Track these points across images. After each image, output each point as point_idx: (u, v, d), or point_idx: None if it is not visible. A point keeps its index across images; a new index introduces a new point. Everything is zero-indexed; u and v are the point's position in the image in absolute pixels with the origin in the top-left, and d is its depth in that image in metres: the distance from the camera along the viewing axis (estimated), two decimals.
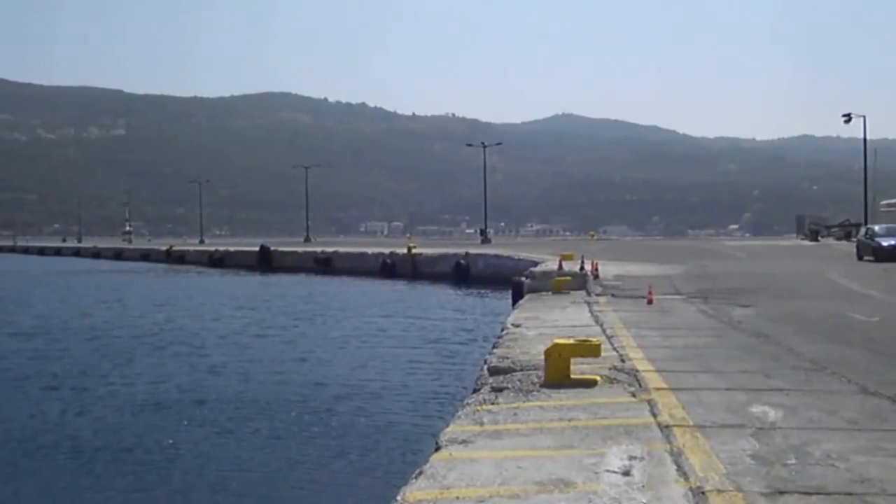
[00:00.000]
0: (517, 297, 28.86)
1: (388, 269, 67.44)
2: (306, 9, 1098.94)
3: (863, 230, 50.33)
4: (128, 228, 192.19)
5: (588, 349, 10.95)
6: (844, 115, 79.80)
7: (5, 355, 28.16)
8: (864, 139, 79.39)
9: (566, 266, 32.33)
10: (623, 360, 12.33)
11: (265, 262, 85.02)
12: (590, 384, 10.53)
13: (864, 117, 78.71)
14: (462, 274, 58.87)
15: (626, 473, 6.73)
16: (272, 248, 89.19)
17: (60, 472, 14.72)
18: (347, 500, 13.03)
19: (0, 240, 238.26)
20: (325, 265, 75.18)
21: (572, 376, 10.70)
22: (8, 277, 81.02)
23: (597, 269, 30.52)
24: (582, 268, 30.90)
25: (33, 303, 49.04)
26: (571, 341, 11.08)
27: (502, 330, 17.44)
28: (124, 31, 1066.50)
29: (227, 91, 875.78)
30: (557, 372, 10.69)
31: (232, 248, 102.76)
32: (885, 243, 42.58)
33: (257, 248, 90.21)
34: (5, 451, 15.99)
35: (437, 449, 7.84)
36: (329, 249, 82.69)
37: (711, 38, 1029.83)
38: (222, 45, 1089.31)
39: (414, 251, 68.67)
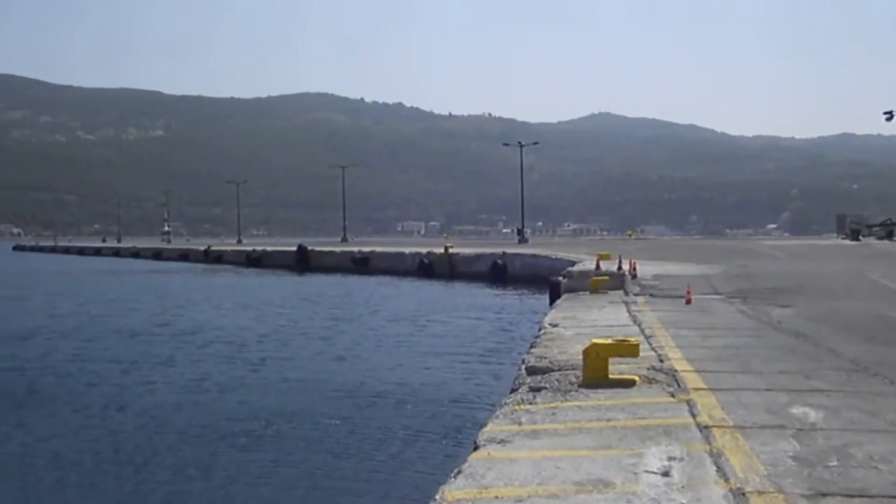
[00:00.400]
0: (554, 297, 28.78)
1: (426, 268, 67.42)
2: (343, 9, 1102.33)
3: None
4: (166, 229, 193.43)
5: (626, 349, 10.89)
6: (886, 113, 78.88)
7: (49, 352, 28.45)
8: None
9: (604, 266, 32.16)
10: (661, 360, 12.26)
11: (303, 261, 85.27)
12: (628, 384, 10.48)
13: None
14: (499, 273, 58.76)
15: (666, 474, 6.69)
16: (310, 248, 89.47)
17: (106, 463, 14.85)
18: (386, 498, 13.04)
19: (41, 240, 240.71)
20: (362, 265, 75.29)
21: (610, 376, 10.65)
22: (51, 277, 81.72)
23: (634, 269, 30.38)
24: (619, 267, 30.77)
25: (73, 301, 49.42)
26: (610, 341, 11.02)
27: (540, 329, 17.38)
28: (163, 33, 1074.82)
29: (264, 92, 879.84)
30: (595, 372, 10.64)
31: (269, 248, 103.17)
32: None
33: (295, 248, 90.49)
34: (56, 447, 16.14)
35: (476, 448, 7.83)
36: (366, 249, 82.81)
37: (750, 36, 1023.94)
38: (259, 47, 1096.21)
39: (451, 251, 68.64)
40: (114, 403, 19.96)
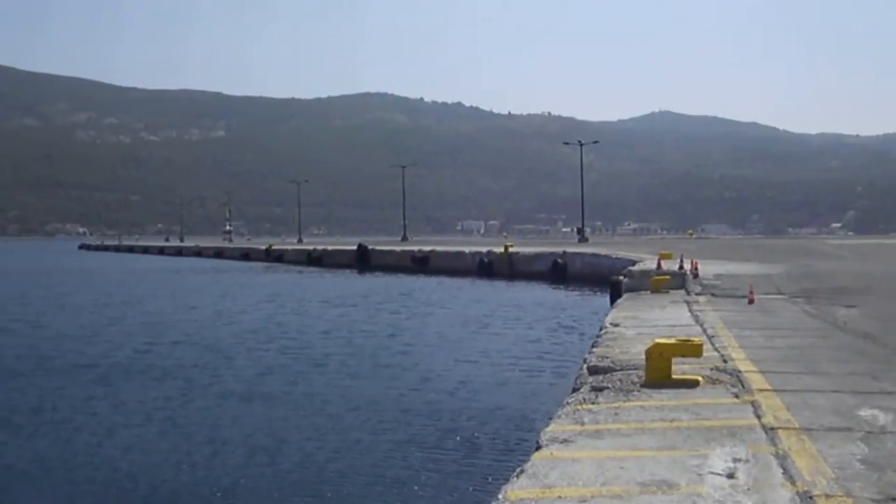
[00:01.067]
0: (615, 297, 28.64)
1: (485, 268, 67.35)
2: (402, 10, 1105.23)
3: None
4: (228, 228, 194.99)
5: (689, 349, 10.79)
6: None
7: (118, 348, 28.88)
8: None
9: (665, 265, 31.94)
10: (725, 361, 12.13)
11: (363, 260, 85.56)
12: (691, 385, 10.38)
13: None
14: (559, 273, 58.57)
15: (731, 476, 6.62)
16: (370, 247, 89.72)
17: (172, 456, 15.05)
18: (449, 496, 13.03)
19: (106, 239, 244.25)
20: (422, 264, 75.37)
21: (673, 376, 10.56)
22: (121, 276, 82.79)
23: (696, 268, 30.14)
24: (681, 266, 30.53)
25: (144, 300, 50.05)
26: (672, 341, 10.93)
27: (601, 329, 17.29)
28: (224, 35, 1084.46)
29: (324, 92, 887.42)
30: (658, 372, 10.56)
31: (330, 247, 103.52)
32: None
33: (355, 247, 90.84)
34: (123, 440, 16.41)
35: (538, 448, 7.79)
36: (426, 248, 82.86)
37: (812, 33, 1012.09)
38: (320, 47, 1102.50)
39: (511, 250, 68.53)
40: (177, 399, 20.20)
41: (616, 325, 17.12)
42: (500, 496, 6.42)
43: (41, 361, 26.54)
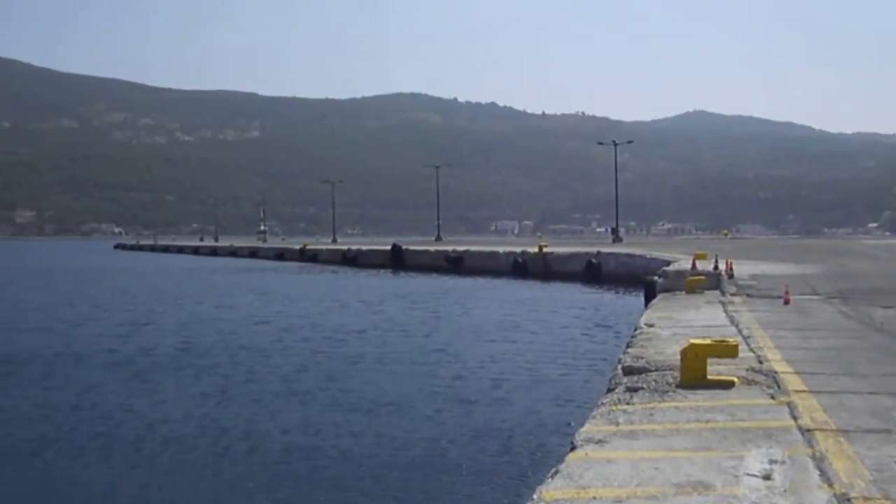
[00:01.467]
0: (650, 297, 28.55)
1: (520, 268, 67.26)
2: (436, 10, 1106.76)
3: None
4: (262, 228, 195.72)
5: (725, 349, 10.74)
6: None
7: (156, 345, 29.12)
8: None
9: (699, 265, 31.80)
10: (761, 362, 12.08)
11: (397, 260, 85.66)
12: (727, 385, 10.35)
13: None
14: (593, 273, 58.41)
15: (767, 477, 6.59)
16: (404, 248, 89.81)
17: (211, 451, 15.16)
18: (483, 497, 13.05)
19: (141, 239, 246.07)
20: (456, 264, 75.38)
21: (709, 377, 10.52)
22: (157, 275, 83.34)
23: (731, 269, 30.00)
24: (716, 267, 30.38)
25: (181, 299, 50.38)
26: (708, 341, 10.89)
27: (635, 329, 17.25)
28: (258, 35, 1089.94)
29: (358, 93, 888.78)
30: (693, 372, 10.53)
31: (364, 247, 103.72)
32: None
33: (389, 248, 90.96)
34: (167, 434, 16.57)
35: (573, 448, 7.79)
36: (460, 248, 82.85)
37: (849, 31, 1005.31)
38: (354, 48, 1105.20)
39: (545, 250, 68.43)
40: (214, 397, 20.33)
41: (651, 326, 17.08)
42: (534, 496, 6.42)
43: (80, 359, 26.86)
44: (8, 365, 25.62)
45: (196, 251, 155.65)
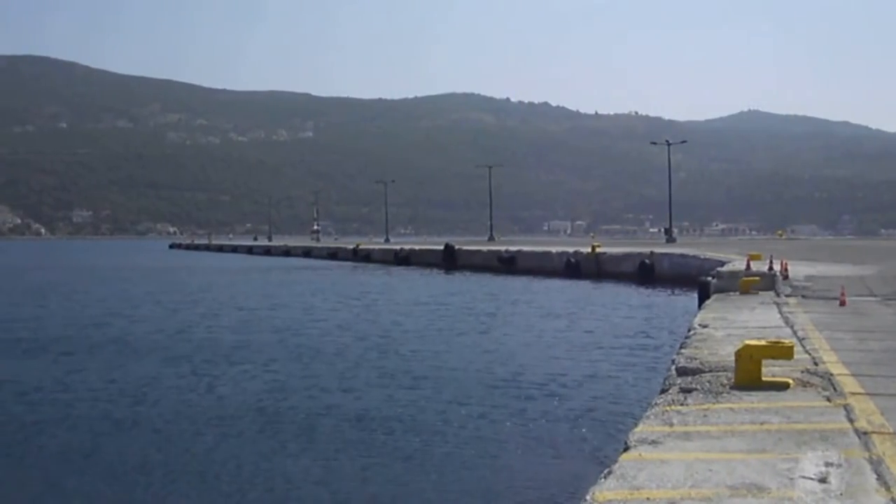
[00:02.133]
0: (703, 298, 28.34)
1: (572, 268, 67.01)
2: (489, 10, 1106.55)
3: None
4: (316, 227, 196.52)
5: (780, 351, 10.64)
6: None
7: (215, 342, 29.41)
8: None
9: (754, 266, 31.54)
10: (816, 364, 11.96)
11: (450, 260, 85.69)
12: (782, 387, 10.27)
13: None
14: (647, 273, 58.07)
15: (823, 480, 6.54)
16: (457, 247, 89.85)
17: (267, 447, 15.30)
18: (536, 497, 13.05)
19: (196, 238, 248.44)
20: (508, 264, 75.27)
21: (763, 379, 10.44)
22: (213, 274, 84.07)
23: (786, 269, 29.74)
24: (770, 268, 30.14)
25: (237, 297, 50.86)
26: (763, 342, 10.80)
27: (689, 330, 17.15)
28: (313, 37, 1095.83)
29: (410, 93, 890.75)
30: (748, 374, 10.45)
31: (417, 247, 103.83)
32: None
33: (442, 247, 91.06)
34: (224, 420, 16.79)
35: (626, 449, 7.76)
36: (513, 248, 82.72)
37: None
38: (406, 48, 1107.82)
39: (598, 250, 68.18)
40: (270, 394, 20.51)
41: (705, 327, 16.97)
42: (587, 497, 6.41)
43: (137, 355, 27.30)
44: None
45: (250, 250, 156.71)
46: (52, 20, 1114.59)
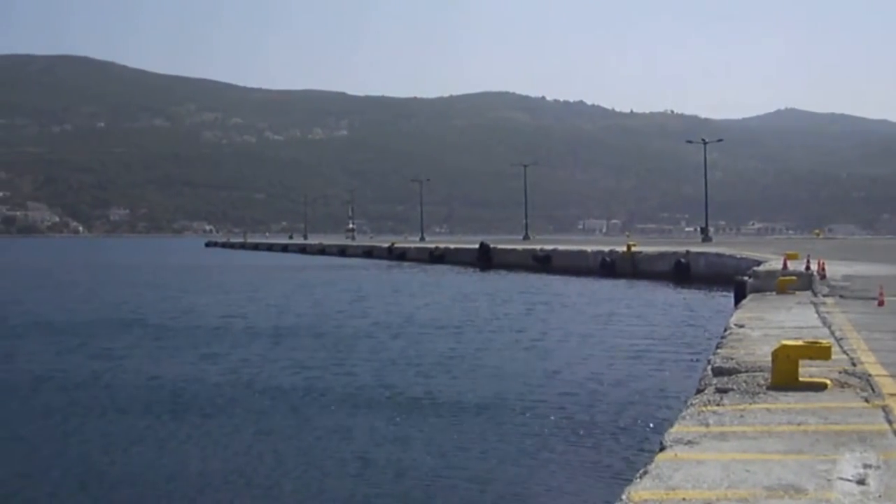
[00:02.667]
0: (740, 297, 28.18)
1: (608, 267, 66.79)
2: (523, 9, 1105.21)
3: None
4: (351, 226, 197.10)
5: (817, 351, 10.56)
6: None
7: (254, 338, 29.57)
8: None
9: (791, 265, 31.35)
10: (854, 364, 11.86)
11: (485, 259, 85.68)
12: (819, 388, 10.19)
13: None
14: (682, 272, 57.77)
15: (862, 482, 6.48)
16: (492, 246, 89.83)
17: (302, 445, 15.37)
18: (571, 496, 13.04)
19: (231, 236, 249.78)
20: (543, 263, 75.15)
21: (800, 379, 10.37)
22: (251, 273, 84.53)
23: (823, 269, 29.50)
24: (808, 267, 29.91)
25: (274, 294, 51.14)
26: (800, 343, 10.73)
27: (725, 330, 17.05)
28: (347, 36, 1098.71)
29: (445, 91, 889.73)
30: (785, 374, 10.38)
31: (452, 246, 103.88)
32: None
33: (477, 246, 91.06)
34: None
35: (662, 449, 7.73)
36: (548, 247, 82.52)
37: None
38: (441, 47, 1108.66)
39: (633, 249, 67.92)
40: (298, 392, 20.61)
41: (741, 326, 16.88)
42: (623, 497, 6.39)
43: (174, 352, 27.52)
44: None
45: (285, 249, 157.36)
46: (89, 21, 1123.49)
